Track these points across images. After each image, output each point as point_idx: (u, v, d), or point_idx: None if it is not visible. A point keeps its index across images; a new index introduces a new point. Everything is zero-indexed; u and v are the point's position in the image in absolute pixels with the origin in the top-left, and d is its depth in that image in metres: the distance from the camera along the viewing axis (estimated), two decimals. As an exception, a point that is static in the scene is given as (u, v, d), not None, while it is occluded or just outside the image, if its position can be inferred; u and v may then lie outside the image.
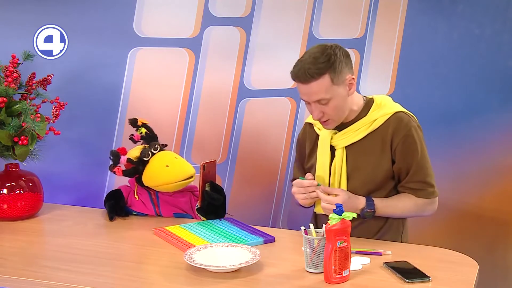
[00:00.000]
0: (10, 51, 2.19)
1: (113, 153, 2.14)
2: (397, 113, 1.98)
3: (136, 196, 2.19)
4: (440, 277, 1.63)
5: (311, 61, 1.88)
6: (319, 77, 1.87)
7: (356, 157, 1.99)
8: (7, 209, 2.14)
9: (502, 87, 2.78)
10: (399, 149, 1.95)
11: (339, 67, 1.89)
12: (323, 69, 1.87)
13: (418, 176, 1.97)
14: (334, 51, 1.90)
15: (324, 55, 1.88)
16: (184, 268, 1.70)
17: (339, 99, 1.92)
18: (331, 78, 1.88)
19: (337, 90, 1.90)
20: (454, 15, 2.75)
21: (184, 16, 2.52)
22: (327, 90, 1.89)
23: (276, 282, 1.64)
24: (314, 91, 1.89)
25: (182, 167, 2.14)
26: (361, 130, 1.98)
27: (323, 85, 1.88)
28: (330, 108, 1.92)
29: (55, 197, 2.36)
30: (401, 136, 1.95)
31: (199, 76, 2.57)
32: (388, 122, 1.97)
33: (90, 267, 1.73)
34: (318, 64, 1.87)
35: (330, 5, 2.68)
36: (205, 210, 2.11)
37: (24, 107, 2.08)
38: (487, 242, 2.83)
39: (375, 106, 2.01)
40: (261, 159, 2.72)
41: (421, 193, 1.98)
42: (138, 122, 2.19)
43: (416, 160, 1.96)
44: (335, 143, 2.01)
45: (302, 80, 1.89)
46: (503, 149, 2.79)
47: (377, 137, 1.97)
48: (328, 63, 1.87)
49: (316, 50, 1.92)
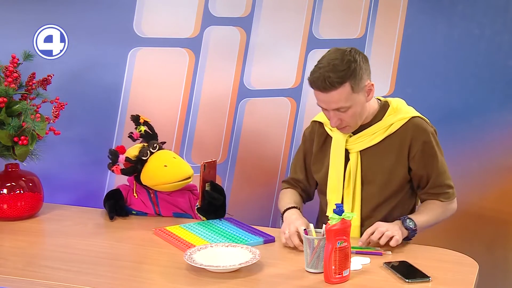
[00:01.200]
0: (10, 51, 2.19)
1: (112, 152, 2.13)
2: (414, 118, 1.96)
3: (135, 194, 2.19)
4: (440, 277, 1.63)
5: (331, 68, 1.82)
6: (339, 86, 1.82)
7: (371, 161, 1.97)
8: (7, 209, 2.14)
9: (502, 87, 2.78)
10: (418, 156, 1.94)
11: (359, 74, 1.84)
12: (343, 77, 1.82)
13: (439, 181, 1.99)
14: (354, 57, 1.85)
15: (345, 62, 1.83)
16: (184, 268, 1.70)
17: (358, 107, 1.88)
18: (351, 87, 1.83)
19: (356, 98, 1.86)
20: (454, 15, 2.75)
21: (184, 16, 2.52)
22: (347, 99, 1.84)
23: (276, 282, 1.64)
24: (334, 100, 1.85)
25: (180, 167, 2.14)
26: (378, 134, 1.95)
27: (343, 94, 1.83)
28: (348, 116, 1.89)
29: (55, 197, 2.36)
30: (420, 143, 1.93)
31: (199, 76, 2.57)
32: (405, 127, 1.94)
33: (90, 267, 1.73)
34: (338, 73, 1.81)
35: (330, 5, 2.68)
36: (205, 210, 2.11)
37: (24, 107, 2.08)
38: (487, 242, 2.83)
39: (391, 110, 1.97)
40: (261, 159, 2.72)
41: (443, 196, 2.00)
42: (140, 119, 2.19)
43: (437, 166, 1.97)
44: (350, 147, 1.98)
45: (322, 89, 1.84)
46: (503, 149, 2.78)
47: (394, 142, 1.95)
48: (348, 70, 1.82)
49: (335, 56, 1.86)
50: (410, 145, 1.94)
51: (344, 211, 1.61)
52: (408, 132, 1.94)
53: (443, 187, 1.99)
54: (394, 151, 1.95)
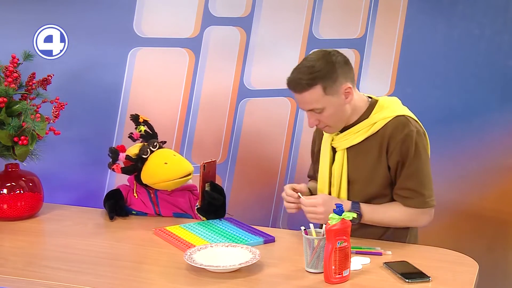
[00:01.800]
0: (10, 51, 2.19)
1: (112, 150, 2.13)
2: (398, 117, 1.93)
3: (135, 194, 2.19)
4: (440, 277, 1.63)
5: (304, 70, 1.86)
6: (310, 88, 1.85)
7: (356, 159, 1.97)
8: (7, 209, 2.14)
9: (502, 87, 2.78)
10: (395, 154, 1.90)
11: (333, 77, 1.86)
12: (314, 79, 1.84)
13: (409, 183, 1.90)
14: (331, 59, 1.87)
15: (319, 63, 1.85)
16: (184, 268, 1.70)
17: (333, 109, 1.89)
18: (323, 89, 1.85)
19: (330, 100, 1.87)
20: (454, 15, 2.75)
21: (184, 16, 2.52)
22: (318, 101, 1.87)
23: (276, 282, 1.64)
24: (306, 100, 1.88)
25: (180, 164, 2.14)
26: (361, 132, 1.95)
27: (314, 96, 1.86)
28: (324, 117, 1.90)
29: (55, 197, 2.36)
30: (397, 141, 1.89)
31: (199, 76, 2.57)
32: (387, 125, 1.92)
33: (90, 267, 1.73)
34: (310, 75, 1.85)
35: (330, 5, 2.68)
36: (205, 210, 2.11)
37: (24, 107, 2.08)
38: (487, 242, 2.83)
39: (378, 108, 1.96)
40: (261, 159, 2.72)
41: (410, 202, 1.91)
42: (139, 118, 2.19)
43: (410, 166, 1.89)
44: (336, 145, 1.99)
45: (294, 90, 1.89)
46: (503, 149, 2.79)
47: (376, 140, 1.93)
48: (320, 73, 1.84)
49: (312, 57, 1.90)
50: (388, 143, 1.91)
51: (344, 211, 1.61)
52: (388, 131, 1.91)
53: (411, 191, 1.90)
54: (375, 150, 1.93)
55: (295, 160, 2.74)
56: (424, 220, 1.95)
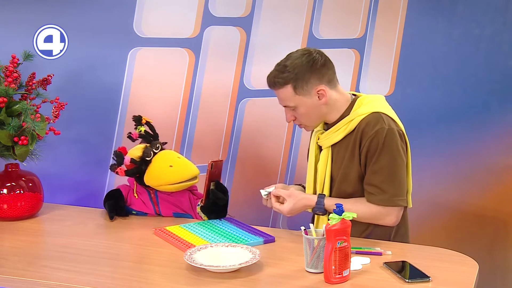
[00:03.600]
0: (10, 51, 2.19)
1: (117, 154, 2.13)
2: (372, 114, 1.91)
3: (136, 194, 2.19)
4: (440, 277, 1.63)
5: (278, 68, 1.95)
6: (281, 87, 1.93)
7: (337, 157, 1.99)
8: (7, 209, 2.14)
9: (502, 87, 2.78)
10: (365, 150, 1.90)
11: (305, 78, 1.90)
12: (285, 78, 1.91)
13: (373, 179, 1.90)
14: (308, 59, 1.91)
15: (294, 63, 1.91)
16: (184, 268, 1.70)
17: (305, 108, 1.94)
18: (293, 89, 1.91)
19: (302, 100, 1.93)
20: (454, 15, 2.75)
21: (184, 16, 2.52)
22: (290, 99, 1.94)
23: (276, 282, 1.64)
24: (279, 97, 1.97)
25: (186, 168, 2.14)
26: (341, 130, 1.96)
27: (286, 94, 1.94)
28: (298, 115, 1.97)
29: (55, 197, 2.36)
30: (368, 136, 1.89)
31: (199, 76, 2.57)
32: (361, 122, 1.92)
33: (90, 267, 1.73)
34: (282, 73, 1.92)
35: (330, 5, 2.68)
36: (208, 209, 2.11)
37: (24, 107, 2.08)
38: (487, 242, 2.83)
39: (356, 105, 1.96)
40: (261, 159, 2.72)
41: (373, 198, 1.90)
42: (142, 120, 2.19)
43: (376, 162, 1.89)
44: (321, 143, 2.03)
45: (269, 86, 1.98)
46: (503, 149, 2.79)
47: (352, 137, 1.94)
48: (291, 73, 1.90)
49: (292, 55, 1.95)
50: (361, 139, 1.92)
51: (344, 211, 1.61)
52: (361, 127, 1.92)
53: (375, 187, 1.89)
54: (350, 147, 1.95)
55: (295, 160, 2.74)
56: (388, 220, 1.92)
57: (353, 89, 2.73)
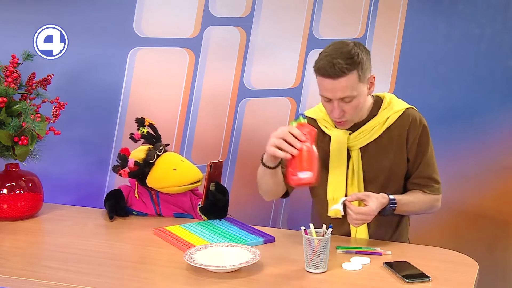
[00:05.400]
0: (10, 51, 2.19)
1: (121, 157, 2.13)
2: (409, 110, 1.99)
3: (137, 195, 2.19)
4: (440, 277, 1.63)
5: (339, 55, 1.82)
6: (348, 73, 1.81)
7: (372, 157, 1.98)
8: (7, 209, 2.14)
9: (502, 87, 2.78)
10: (414, 146, 1.97)
11: (366, 64, 1.86)
12: (352, 65, 1.82)
13: (426, 172, 2.00)
14: (360, 47, 1.87)
15: (353, 51, 1.84)
16: (184, 268, 1.70)
17: (361, 98, 1.89)
18: (359, 75, 1.84)
19: (362, 88, 1.87)
20: (454, 15, 2.75)
21: (184, 16, 2.52)
22: (353, 87, 1.84)
23: (276, 282, 1.64)
24: (341, 87, 1.83)
25: (190, 171, 2.15)
26: (376, 129, 1.97)
27: (351, 82, 1.83)
28: (351, 107, 1.88)
29: (55, 197, 2.36)
30: (416, 133, 1.97)
31: (199, 76, 2.57)
32: (401, 119, 1.97)
33: (90, 267, 1.73)
34: (347, 60, 1.81)
35: (330, 5, 2.68)
36: (207, 210, 2.11)
37: (24, 107, 2.08)
38: (487, 242, 2.83)
39: (386, 104, 2.00)
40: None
41: (428, 189, 2.00)
42: (145, 122, 2.19)
43: (426, 156, 1.99)
44: (351, 144, 1.98)
45: (332, 75, 1.82)
46: (503, 149, 2.79)
47: (393, 135, 1.97)
48: (357, 58, 1.83)
49: (341, 45, 1.86)
50: (407, 136, 1.97)
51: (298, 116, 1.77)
52: (405, 123, 1.97)
53: (429, 179, 2.01)
54: (394, 144, 1.97)
55: (295, 160, 2.73)
56: (437, 206, 2.04)
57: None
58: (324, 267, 1.67)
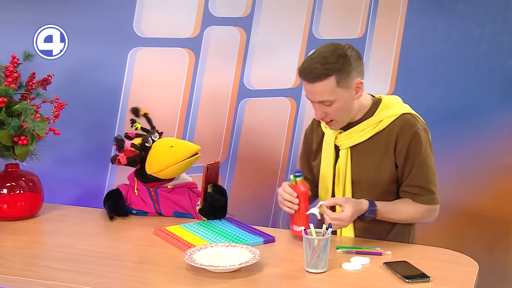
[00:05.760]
0: (10, 51, 2.19)
1: (117, 139, 2.12)
2: (404, 115, 1.93)
3: (136, 191, 2.19)
4: (440, 277, 1.63)
5: (319, 60, 1.84)
6: (325, 78, 1.83)
7: (360, 158, 1.96)
8: (7, 209, 2.14)
9: (502, 87, 2.78)
10: (403, 153, 1.91)
11: (347, 70, 1.84)
12: (330, 70, 1.82)
13: (417, 181, 1.92)
14: (346, 52, 1.85)
15: (334, 55, 1.83)
16: (184, 268, 1.71)
17: (342, 102, 1.87)
18: (337, 81, 1.83)
19: (342, 93, 1.86)
20: (454, 15, 2.75)
21: (184, 16, 2.52)
22: (331, 92, 1.84)
23: (276, 282, 1.64)
24: (318, 91, 1.85)
25: (187, 144, 2.16)
26: (367, 130, 1.94)
27: (327, 87, 1.84)
28: (333, 110, 1.88)
29: (55, 197, 2.36)
30: (406, 139, 1.90)
31: (199, 76, 2.57)
32: (394, 123, 1.92)
33: (90, 267, 1.73)
34: (326, 65, 1.82)
35: (330, 5, 2.68)
36: (206, 211, 2.11)
37: (24, 107, 2.08)
38: (487, 242, 2.83)
39: (382, 107, 1.96)
40: (261, 159, 2.72)
41: (419, 199, 1.93)
42: (140, 111, 2.19)
43: (417, 164, 1.91)
44: (340, 143, 1.98)
45: (308, 79, 1.85)
46: (503, 149, 2.79)
47: (382, 138, 1.93)
48: (336, 64, 1.82)
49: (327, 49, 1.87)
50: (396, 141, 1.91)
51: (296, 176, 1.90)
52: (396, 129, 1.92)
53: (420, 188, 1.92)
54: (382, 148, 1.93)
55: (295, 160, 2.74)
56: (432, 217, 1.98)
57: (353, 89, 2.73)
58: (324, 267, 1.67)
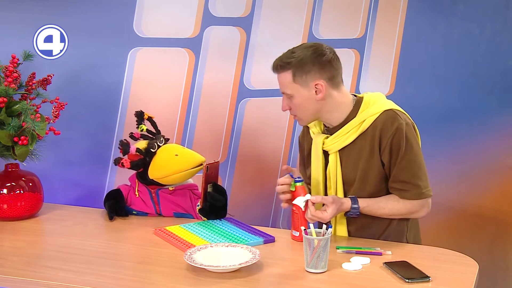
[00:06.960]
0: (10, 51, 2.19)
1: (123, 143, 2.12)
2: (386, 112, 1.92)
3: (137, 193, 2.19)
4: (440, 277, 1.63)
5: (286, 53, 1.94)
6: (281, 70, 1.92)
7: (349, 160, 1.96)
8: (7, 209, 2.14)
9: (502, 87, 2.78)
10: (387, 150, 1.90)
11: (305, 68, 1.88)
12: (288, 64, 1.90)
13: (402, 176, 1.90)
14: (315, 52, 1.90)
15: (299, 52, 1.90)
16: (184, 268, 1.71)
17: (301, 100, 1.92)
18: (293, 75, 1.90)
19: (299, 90, 1.91)
20: (454, 15, 2.75)
21: (184, 16, 2.52)
22: (287, 86, 1.92)
23: (276, 282, 1.64)
24: (280, 82, 1.95)
25: (192, 155, 2.15)
26: (352, 132, 1.94)
27: (285, 79, 1.92)
28: (294, 105, 1.95)
29: (55, 197, 2.36)
30: (388, 135, 1.89)
31: (199, 76, 2.57)
32: (376, 121, 1.91)
33: (90, 267, 1.73)
34: (286, 58, 1.91)
35: (330, 5, 2.68)
36: (206, 211, 2.11)
37: (24, 107, 2.08)
38: (487, 242, 2.83)
39: (364, 106, 1.95)
40: (261, 159, 2.72)
41: (405, 194, 1.91)
42: (144, 115, 2.19)
43: (402, 159, 1.89)
44: (328, 148, 1.98)
45: (273, 68, 1.95)
46: (503, 149, 2.79)
47: (367, 137, 1.92)
48: (295, 59, 1.89)
49: (303, 45, 1.95)
50: (380, 138, 1.90)
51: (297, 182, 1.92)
52: (378, 126, 1.91)
53: (405, 183, 1.90)
54: (368, 147, 1.92)
55: (295, 160, 2.74)
56: (422, 211, 1.95)
57: (353, 89, 2.73)
58: (324, 267, 1.67)
